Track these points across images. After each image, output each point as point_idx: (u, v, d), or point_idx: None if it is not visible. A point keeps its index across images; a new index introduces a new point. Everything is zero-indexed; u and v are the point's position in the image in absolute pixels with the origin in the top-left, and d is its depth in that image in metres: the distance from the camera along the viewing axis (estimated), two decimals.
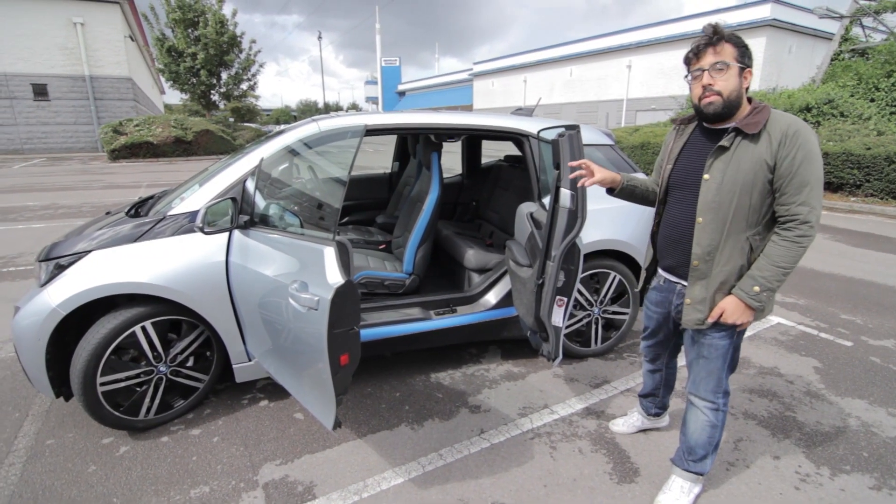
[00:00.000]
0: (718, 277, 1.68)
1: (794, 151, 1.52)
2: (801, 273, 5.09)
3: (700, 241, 1.68)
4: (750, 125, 1.58)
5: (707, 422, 1.87)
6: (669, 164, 1.82)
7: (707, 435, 1.88)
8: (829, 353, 3.33)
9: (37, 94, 20.15)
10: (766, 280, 1.59)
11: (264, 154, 2.50)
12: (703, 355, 1.81)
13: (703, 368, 1.83)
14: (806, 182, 1.53)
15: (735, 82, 1.59)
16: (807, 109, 11.22)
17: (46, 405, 2.62)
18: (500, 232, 3.73)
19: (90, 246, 2.28)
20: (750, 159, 1.57)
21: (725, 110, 1.61)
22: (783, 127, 1.55)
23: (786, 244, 1.57)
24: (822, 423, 2.54)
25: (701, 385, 1.86)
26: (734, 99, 1.60)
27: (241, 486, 2.06)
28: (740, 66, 1.58)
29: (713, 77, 1.59)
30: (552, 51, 35.28)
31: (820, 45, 23.81)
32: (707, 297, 1.70)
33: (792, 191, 1.54)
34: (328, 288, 1.67)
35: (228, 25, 23.52)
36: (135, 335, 2.25)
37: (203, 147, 18.93)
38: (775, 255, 1.58)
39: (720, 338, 1.75)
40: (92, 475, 2.12)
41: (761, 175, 1.57)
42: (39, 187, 10.95)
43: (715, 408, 1.86)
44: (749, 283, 1.62)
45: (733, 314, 1.66)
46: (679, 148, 1.81)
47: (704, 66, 1.60)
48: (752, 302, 1.62)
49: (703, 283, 1.70)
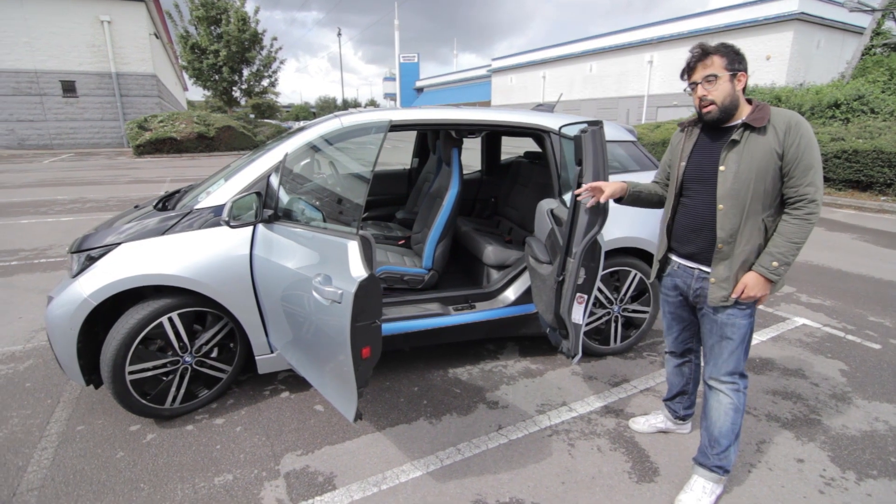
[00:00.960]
0: (741, 257, 1.82)
1: (798, 139, 1.71)
2: (829, 273, 4.98)
3: (724, 225, 1.82)
4: (757, 120, 1.75)
5: (730, 404, 1.93)
6: (683, 162, 1.95)
7: (730, 420, 1.94)
8: (856, 355, 3.25)
9: (65, 91, 20.68)
10: (783, 255, 1.76)
11: (288, 150, 2.54)
12: (727, 336, 1.91)
13: (726, 349, 1.92)
14: (810, 165, 1.71)
15: (727, 89, 1.76)
16: (836, 106, 10.91)
17: (77, 392, 2.71)
18: (519, 228, 3.72)
19: (119, 238, 2.35)
20: (761, 149, 1.74)
21: (723, 115, 1.80)
22: (785, 120, 1.74)
23: (797, 222, 1.74)
24: (848, 426, 2.48)
25: (722, 367, 1.94)
26: (728, 104, 1.78)
27: (263, 475, 2.11)
28: (731, 73, 1.76)
29: (706, 89, 1.78)
30: (571, 46, 34.86)
31: (850, 39, 23.09)
32: (731, 275, 1.84)
33: (799, 173, 1.72)
34: (352, 281, 1.69)
35: (250, 23, 23.81)
36: (162, 326, 2.31)
37: (224, 143, 19.23)
38: (788, 232, 1.75)
39: (742, 317, 1.88)
40: (120, 461, 2.19)
41: (772, 162, 1.74)
42: (68, 182, 11.26)
43: (736, 388, 1.94)
44: (767, 259, 1.78)
45: (754, 287, 1.80)
46: (690, 147, 1.95)
47: (697, 80, 1.79)
48: (772, 276, 1.78)
49: (727, 262, 1.85)
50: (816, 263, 5.32)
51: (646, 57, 28.89)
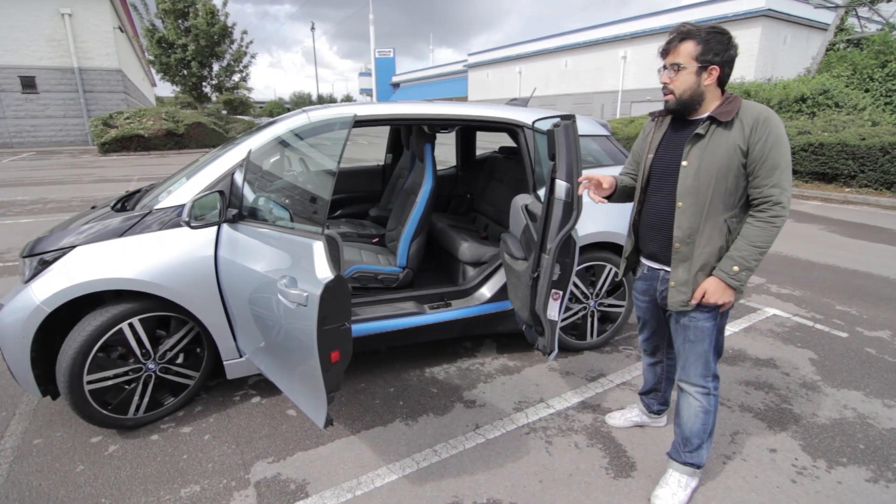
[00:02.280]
0: (700, 259, 1.73)
1: (765, 136, 1.59)
2: (797, 264, 5.09)
3: (681, 224, 1.73)
4: (724, 113, 1.64)
5: (700, 407, 1.89)
6: (651, 154, 1.86)
7: (701, 422, 1.90)
8: (824, 344, 3.32)
9: (25, 87, 19.82)
10: (744, 259, 1.65)
11: (252, 146, 2.45)
12: (689, 339, 1.84)
13: (691, 352, 1.86)
14: (777, 165, 1.60)
15: (689, 82, 1.65)
16: (802, 100, 11.21)
17: (34, 404, 2.58)
18: (495, 224, 3.69)
19: (75, 241, 2.23)
20: (724, 145, 1.64)
21: (679, 108, 1.71)
22: (754, 114, 1.62)
23: (760, 224, 1.63)
24: (818, 415, 2.53)
25: (690, 370, 1.89)
26: (687, 98, 1.68)
27: (232, 484, 2.03)
28: (700, 65, 1.63)
29: (669, 76, 1.68)
30: (547, 42, 35.01)
31: (815, 35, 23.74)
32: (689, 278, 1.75)
33: (764, 173, 1.61)
34: (317, 283, 1.63)
35: (219, 16, 23.20)
36: (122, 332, 2.20)
37: (195, 140, 18.72)
38: (751, 235, 1.64)
39: (704, 319, 1.79)
40: (80, 475, 2.08)
41: (735, 160, 1.63)
42: (28, 182, 10.79)
43: (706, 392, 1.88)
44: (728, 264, 1.68)
45: (714, 294, 1.71)
46: (659, 138, 1.85)
47: (666, 65, 1.69)
48: (732, 281, 1.67)
49: (686, 265, 1.76)
50: (785, 254, 5.45)
51: (619, 52, 29.21)
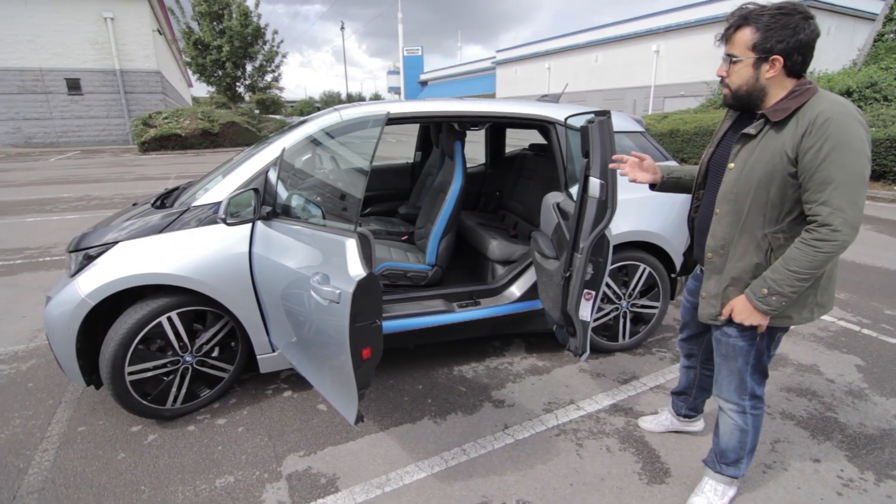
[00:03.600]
0: (730, 273, 1.58)
1: (819, 143, 1.34)
2: (842, 265, 4.87)
3: (715, 232, 1.59)
4: (777, 111, 1.42)
5: (734, 426, 1.78)
6: (711, 149, 1.72)
7: (737, 440, 1.79)
8: (872, 350, 3.16)
9: (70, 89, 20.70)
10: (776, 283, 1.46)
11: (286, 144, 2.48)
12: (723, 354, 1.73)
13: (725, 368, 1.74)
14: (829, 179, 1.34)
15: (745, 76, 1.46)
16: (847, 94, 10.71)
17: (78, 393, 2.69)
18: (525, 222, 3.65)
19: (118, 237, 2.31)
20: (771, 149, 1.43)
21: (735, 103, 1.54)
22: (813, 114, 1.37)
23: (801, 246, 1.42)
24: (865, 424, 2.41)
25: (724, 386, 1.77)
26: (743, 94, 1.49)
27: (265, 476, 2.07)
28: (758, 57, 1.42)
29: (725, 69, 1.51)
30: (577, 37, 34.48)
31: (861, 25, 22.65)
32: (719, 292, 1.62)
33: (813, 187, 1.37)
34: (349, 281, 1.64)
35: (252, 17, 23.73)
36: (161, 325, 2.27)
37: (229, 139, 19.21)
38: (789, 257, 1.44)
39: (737, 337, 1.65)
40: (121, 462, 2.16)
41: (781, 168, 1.41)
42: (74, 179, 11.28)
43: (740, 410, 1.76)
44: (759, 284, 1.51)
45: (741, 313, 1.56)
46: (723, 132, 1.70)
47: (725, 55, 1.50)
48: (759, 304, 1.50)
49: (717, 277, 1.62)
50: None
51: (652, 46, 28.51)
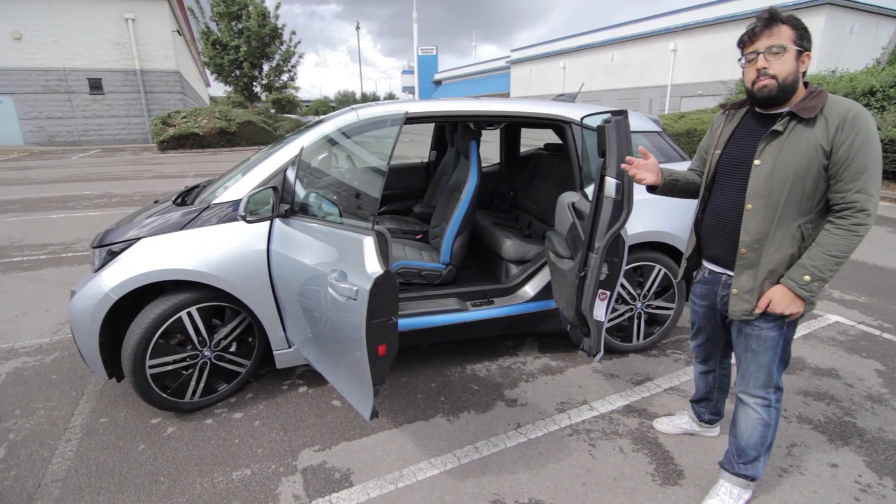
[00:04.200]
0: (767, 266, 1.62)
1: (852, 136, 1.47)
2: (861, 268, 4.78)
3: (749, 228, 1.63)
4: (806, 109, 1.52)
5: (759, 420, 1.79)
6: (718, 150, 1.75)
7: (759, 434, 1.80)
8: (893, 354, 3.10)
9: (92, 88, 21.15)
10: (818, 269, 1.54)
11: (304, 143, 2.52)
12: (752, 348, 1.74)
13: (753, 362, 1.76)
14: (864, 168, 1.48)
15: (792, 66, 1.53)
16: (871, 93, 10.47)
17: (100, 385, 2.75)
18: (539, 222, 3.65)
19: (140, 233, 2.36)
20: (805, 144, 1.52)
21: (780, 94, 1.56)
22: (842, 111, 1.49)
23: (840, 232, 1.51)
24: (885, 430, 2.37)
25: (751, 381, 1.78)
26: (790, 83, 1.54)
27: (280, 470, 2.11)
28: (798, 50, 1.53)
29: (768, 60, 1.54)
30: (592, 36, 34.22)
31: (885, 23, 22.14)
32: (755, 286, 1.65)
33: (848, 177, 1.49)
34: (367, 278, 1.66)
35: (270, 18, 23.99)
36: (181, 320, 2.32)
37: (246, 138, 19.46)
38: (828, 243, 1.53)
39: (769, 329, 1.69)
40: (141, 454, 2.21)
41: (816, 161, 1.51)
42: (95, 177, 11.52)
43: (766, 404, 1.78)
44: (799, 273, 1.57)
45: (781, 303, 1.60)
46: (729, 133, 1.74)
47: (760, 49, 1.55)
48: (802, 292, 1.56)
49: (752, 272, 1.65)
50: (851, 258, 5.11)
51: (669, 45, 28.19)
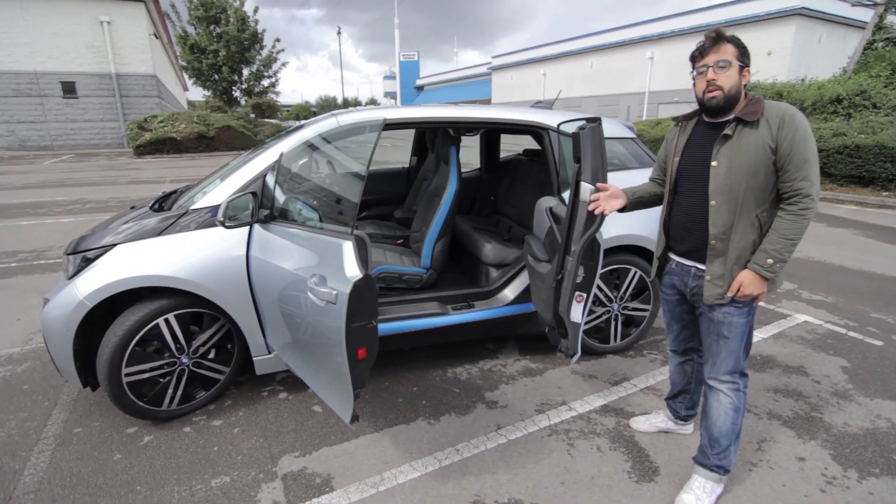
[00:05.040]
0: (734, 253, 1.81)
1: (792, 132, 1.68)
2: (830, 270, 4.95)
3: (716, 221, 1.81)
4: (749, 114, 1.73)
5: (730, 404, 1.92)
6: (677, 157, 1.94)
7: (731, 420, 1.92)
8: (858, 352, 3.23)
9: (66, 92, 20.66)
10: (778, 252, 1.73)
11: (284, 149, 2.52)
12: (724, 335, 1.89)
13: (724, 349, 1.90)
14: (805, 159, 1.68)
15: (735, 79, 1.75)
16: (837, 101, 10.86)
17: (74, 394, 2.70)
18: (519, 226, 3.70)
19: (116, 240, 2.34)
20: (754, 144, 1.72)
21: (726, 104, 1.77)
22: (780, 112, 1.71)
23: (791, 217, 1.71)
24: (850, 424, 2.46)
25: (721, 366, 1.93)
26: (734, 94, 1.75)
27: (260, 476, 2.10)
28: (740, 65, 1.74)
29: (716, 73, 1.74)
30: (572, 43, 34.75)
31: (852, 34, 22.94)
32: (726, 272, 1.83)
33: (793, 168, 1.69)
34: (346, 282, 1.67)
35: (249, 22, 23.79)
36: (158, 327, 2.30)
37: (225, 143, 19.22)
38: (783, 228, 1.72)
39: (739, 315, 1.86)
40: (117, 463, 2.18)
41: (764, 157, 1.71)
42: (68, 183, 11.26)
43: (736, 388, 1.92)
44: (762, 257, 1.75)
45: (750, 285, 1.78)
46: (684, 142, 1.93)
47: (709, 63, 1.76)
48: (766, 273, 1.76)
49: (721, 259, 1.83)
50: (818, 259, 5.29)
51: (646, 53, 28.79)
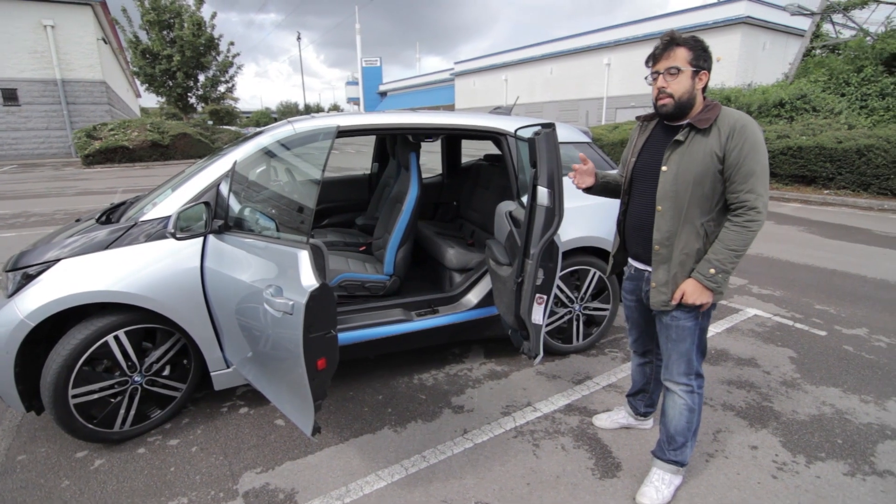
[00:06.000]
0: (678, 260, 1.79)
1: (741, 143, 1.65)
2: (778, 265, 5.20)
3: (660, 227, 1.80)
4: (702, 121, 1.70)
5: (684, 405, 1.94)
6: (633, 158, 1.93)
7: (685, 419, 1.95)
8: (804, 342, 3.40)
9: (6, 99, 19.58)
10: (720, 262, 1.71)
11: (238, 157, 2.46)
12: (672, 338, 1.90)
13: (674, 351, 1.91)
14: (752, 171, 1.65)
15: (686, 85, 1.71)
16: (780, 105, 11.46)
17: (17, 419, 2.55)
18: (482, 231, 3.73)
19: (60, 254, 2.22)
20: (702, 151, 1.70)
21: (677, 111, 1.75)
22: (731, 122, 1.68)
23: (736, 229, 1.70)
24: (797, 411, 2.59)
25: (673, 368, 1.94)
26: (685, 100, 1.73)
27: (220, 495, 2.03)
28: (693, 70, 1.70)
29: (666, 80, 1.72)
30: (532, 49, 35.43)
31: (793, 41, 24.30)
32: (669, 279, 1.82)
33: (739, 179, 1.67)
34: (302, 292, 1.65)
35: (206, 28, 23.18)
36: (108, 345, 2.20)
37: (181, 151, 18.60)
38: (727, 239, 1.71)
39: (685, 319, 1.85)
40: (65, 490, 2.06)
41: (712, 166, 1.69)
42: (10, 195, 10.65)
43: (689, 390, 1.94)
44: (705, 267, 1.74)
45: (692, 295, 1.77)
46: (642, 143, 1.92)
47: (660, 70, 1.73)
48: (709, 283, 1.74)
49: (665, 266, 1.82)
50: (766, 255, 5.56)
51: (604, 59, 29.64)
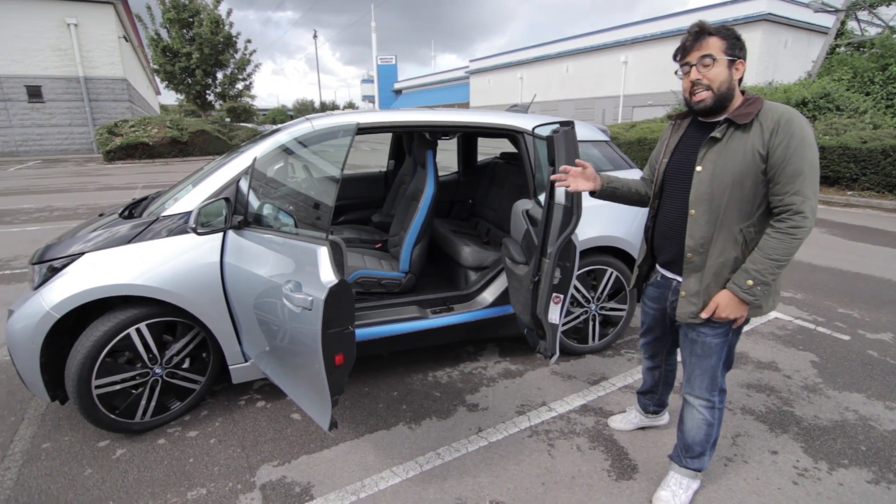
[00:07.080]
0: (712, 269, 1.65)
1: (787, 140, 1.49)
2: (799, 267, 5.10)
3: (693, 233, 1.66)
4: (741, 115, 1.56)
5: (703, 420, 1.87)
6: (665, 158, 1.80)
7: (703, 433, 1.88)
8: (826, 347, 3.33)
9: (31, 96, 20.05)
10: (759, 273, 1.56)
11: (258, 154, 2.49)
12: (697, 353, 1.79)
13: (698, 367, 1.81)
14: (799, 171, 1.49)
15: (724, 75, 1.57)
16: (803, 104, 11.22)
17: (42, 409, 2.61)
18: (497, 229, 3.72)
19: (84, 248, 2.27)
20: (742, 149, 1.55)
21: (717, 104, 1.60)
22: (776, 116, 1.52)
23: (779, 236, 1.54)
24: (819, 417, 2.54)
25: (696, 383, 1.84)
26: (725, 91, 1.58)
27: (238, 487, 2.06)
28: (729, 59, 1.56)
29: (700, 71, 1.57)
30: (548, 47, 35.19)
31: (815, 39, 23.79)
32: (701, 289, 1.68)
33: (785, 180, 1.51)
34: (321, 288, 1.66)
35: (223, 25, 23.47)
36: (130, 337, 2.24)
37: (199, 147, 18.88)
38: (768, 247, 1.55)
39: (713, 336, 1.74)
40: (88, 478, 2.11)
41: (753, 165, 1.54)
42: (35, 190, 10.91)
43: (710, 406, 1.85)
44: (742, 277, 1.59)
45: (726, 308, 1.63)
46: (675, 142, 1.79)
47: (692, 61, 1.59)
48: (745, 296, 1.60)
49: (698, 275, 1.69)
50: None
51: (621, 57, 29.31)
